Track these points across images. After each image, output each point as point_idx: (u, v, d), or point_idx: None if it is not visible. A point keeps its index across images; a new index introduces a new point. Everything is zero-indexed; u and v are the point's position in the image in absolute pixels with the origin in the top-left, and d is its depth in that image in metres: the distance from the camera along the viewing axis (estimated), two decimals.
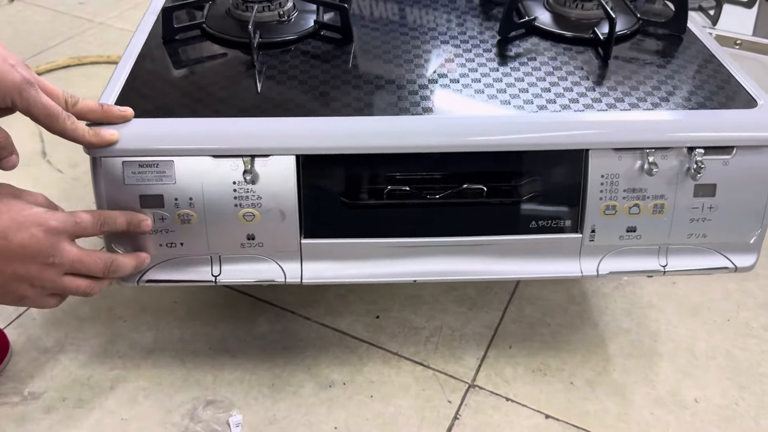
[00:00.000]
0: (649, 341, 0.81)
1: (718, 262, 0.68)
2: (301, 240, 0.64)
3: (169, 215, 0.62)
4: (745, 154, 0.63)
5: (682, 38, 0.76)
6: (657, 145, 0.62)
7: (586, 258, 0.67)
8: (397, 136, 0.62)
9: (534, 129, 0.63)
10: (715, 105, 0.65)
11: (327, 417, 0.72)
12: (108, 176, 0.61)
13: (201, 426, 0.70)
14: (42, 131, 1.14)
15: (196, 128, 0.61)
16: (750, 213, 0.65)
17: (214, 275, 0.65)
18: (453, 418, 0.72)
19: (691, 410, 0.74)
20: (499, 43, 0.74)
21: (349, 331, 0.82)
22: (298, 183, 0.62)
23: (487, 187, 0.65)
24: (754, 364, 0.79)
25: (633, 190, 0.64)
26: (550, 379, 0.76)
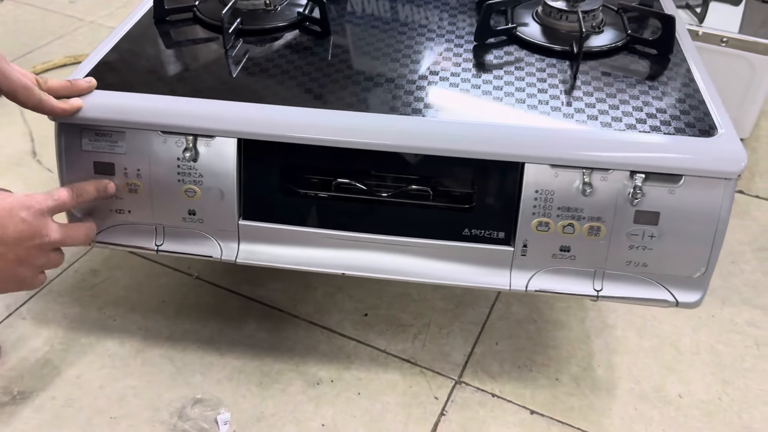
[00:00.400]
0: (634, 337, 0.82)
1: (658, 294, 0.65)
2: (238, 221, 0.67)
3: (119, 183, 0.66)
4: (694, 185, 0.60)
5: (669, 58, 0.72)
6: (592, 165, 0.60)
7: (517, 272, 0.65)
8: (332, 130, 0.63)
9: (470, 137, 0.62)
10: (670, 130, 0.62)
11: (314, 414, 0.73)
12: (68, 142, 0.66)
13: (189, 424, 0.71)
14: (32, 131, 1.14)
15: (147, 104, 0.65)
16: (695, 247, 0.62)
17: (156, 245, 0.69)
18: (439, 414, 0.73)
19: (675, 405, 0.74)
20: (475, 48, 0.74)
21: (337, 329, 0.82)
22: (239, 165, 0.65)
23: (422, 191, 0.65)
24: (738, 359, 0.80)
25: (568, 209, 0.62)
26: (535, 375, 0.77)
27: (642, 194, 0.60)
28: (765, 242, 0.96)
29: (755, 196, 1.05)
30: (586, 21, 0.74)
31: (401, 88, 0.67)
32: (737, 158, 0.59)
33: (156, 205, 0.67)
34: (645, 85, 0.68)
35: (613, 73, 0.70)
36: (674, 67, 0.71)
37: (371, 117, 0.63)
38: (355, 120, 0.63)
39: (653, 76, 0.70)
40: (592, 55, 0.72)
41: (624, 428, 0.72)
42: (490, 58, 0.73)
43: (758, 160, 1.12)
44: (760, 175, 1.09)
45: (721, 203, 0.60)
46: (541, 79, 0.69)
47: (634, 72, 0.70)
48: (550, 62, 0.71)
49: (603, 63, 0.71)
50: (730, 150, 0.60)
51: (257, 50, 0.73)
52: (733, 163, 0.59)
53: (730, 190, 0.60)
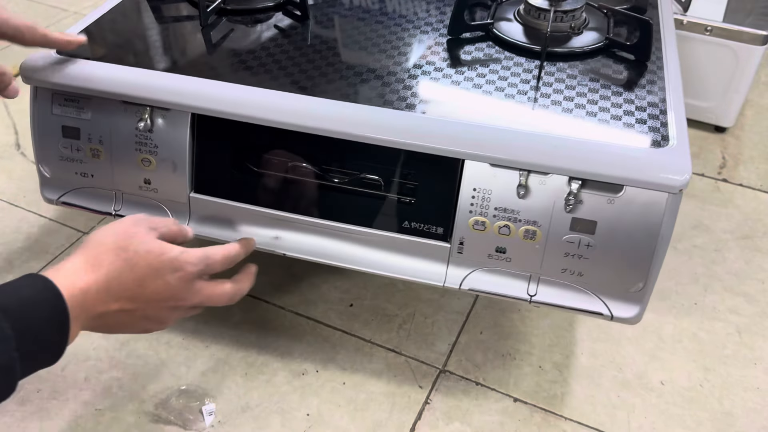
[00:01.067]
0: (616, 325, 0.82)
1: (593, 306, 0.63)
2: (189, 193, 0.69)
3: (83, 148, 0.69)
4: (635, 196, 0.58)
5: (646, 64, 0.70)
6: (529, 168, 0.59)
7: (453, 269, 0.65)
8: (277, 112, 0.63)
9: (411, 129, 0.61)
10: (619, 138, 0.60)
11: (300, 404, 0.73)
12: (40, 105, 0.69)
13: (174, 415, 0.71)
14: (15, 123, 1.13)
15: (110, 74, 0.67)
16: (633, 261, 0.60)
17: (115, 210, 0.72)
18: (423, 403, 0.74)
19: (657, 392, 0.75)
20: (448, 42, 0.73)
21: (322, 320, 0.82)
22: (192, 139, 0.66)
23: (371, 180, 0.65)
24: (719, 346, 0.80)
25: (505, 210, 0.61)
26: (519, 363, 0.78)
27: (576, 201, 0.58)
28: (748, 230, 0.97)
29: (738, 185, 1.05)
30: (565, 21, 0.73)
31: (359, 76, 0.67)
32: (681, 171, 0.56)
33: (115, 171, 0.70)
34: (609, 90, 0.66)
35: (580, 76, 0.68)
36: (647, 73, 0.69)
37: (316, 101, 0.64)
38: (300, 103, 0.64)
39: (621, 82, 0.68)
40: (564, 56, 0.71)
41: (606, 415, 0.73)
42: (459, 52, 0.72)
43: (742, 149, 1.13)
44: (743, 164, 1.10)
45: (663, 218, 0.58)
46: (503, 77, 0.67)
47: (604, 76, 0.68)
48: (518, 61, 0.70)
49: (573, 65, 0.70)
50: (675, 163, 0.57)
51: (234, 29, 0.75)
52: (676, 177, 0.56)
53: (674, 205, 0.58)
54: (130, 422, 0.71)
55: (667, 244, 0.60)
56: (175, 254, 0.56)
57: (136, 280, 0.54)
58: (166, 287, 0.55)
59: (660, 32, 0.76)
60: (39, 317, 0.48)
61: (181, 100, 0.65)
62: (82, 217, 0.96)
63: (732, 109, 1.12)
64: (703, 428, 0.72)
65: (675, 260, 0.91)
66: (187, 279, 0.56)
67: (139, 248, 0.55)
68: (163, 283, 0.55)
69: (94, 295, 0.52)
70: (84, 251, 0.54)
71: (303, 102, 0.64)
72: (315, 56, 0.70)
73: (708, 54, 1.07)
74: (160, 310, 0.57)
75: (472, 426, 0.72)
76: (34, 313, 0.48)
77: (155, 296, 0.55)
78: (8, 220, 0.95)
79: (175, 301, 0.56)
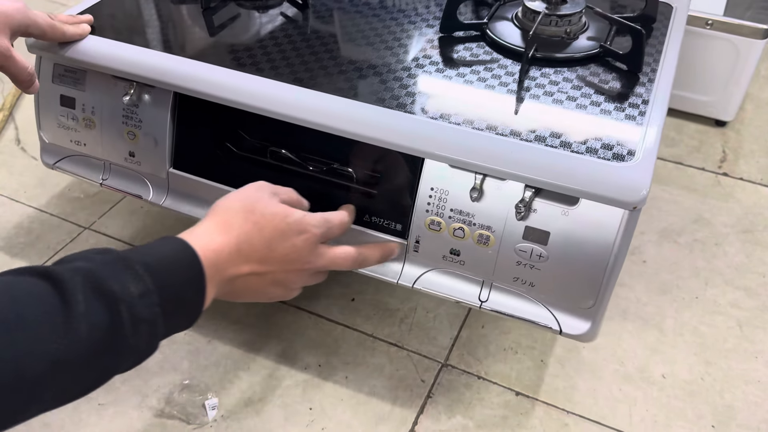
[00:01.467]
0: (618, 319, 0.82)
1: (543, 318, 0.61)
2: (168, 168, 0.72)
3: (78, 117, 0.74)
4: (590, 210, 0.56)
5: (638, 76, 0.67)
6: (480, 170, 0.58)
7: (409, 267, 0.65)
8: (254, 97, 0.64)
9: (374, 123, 0.61)
10: (581, 149, 0.57)
11: (302, 398, 0.73)
12: (44, 74, 0.74)
13: (177, 409, 0.71)
14: (16, 118, 1.13)
15: (105, 49, 0.70)
16: (585, 277, 0.58)
17: (102, 179, 0.77)
18: (426, 397, 0.74)
19: (659, 386, 0.75)
20: (440, 39, 0.73)
21: (324, 314, 0.83)
22: (173, 117, 0.70)
23: (338, 170, 0.65)
24: (720, 340, 0.81)
25: (460, 212, 0.60)
26: (521, 357, 0.78)
27: (526, 209, 0.57)
28: (748, 224, 0.97)
29: (739, 179, 1.05)
30: (560, 26, 0.71)
31: (338, 67, 0.68)
32: (637, 188, 0.54)
33: (105, 142, 0.74)
34: (589, 99, 0.64)
35: (563, 83, 0.66)
36: (635, 85, 0.66)
37: (286, 88, 0.64)
38: (273, 90, 0.64)
39: (604, 93, 0.65)
40: (552, 61, 0.69)
41: (608, 408, 0.73)
42: (446, 50, 0.71)
43: (742, 143, 1.13)
44: (744, 158, 1.10)
45: (617, 234, 0.56)
46: (482, 78, 0.66)
47: (589, 85, 0.66)
48: (504, 63, 0.69)
49: (560, 72, 0.68)
50: (633, 179, 0.55)
51: (237, 15, 0.77)
52: (631, 193, 0.54)
53: (630, 223, 0.56)
54: (133, 417, 0.71)
55: (621, 262, 0.58)
56: (298, 216, 0.57)
57: (265, 242, 0.55)
58: (293, 249, 0.56)
59: (665, 43, 0.73)
60: (178, 275, 0.49)
61: (162, 78, 0.67)
62: (83, 212, 0.96)
63: (732, 103, 1.12)
64: (705, 421, 0.72)
65: (676, 254, 0.92)
66: (312, 241, 0.58)
67: (265, 211, 0.56)
68: (291, 245, 0.56)
69: (227, 256, 0.53)
70: (213, 216, 0.56)
71: (271, 87, 0.64)
72: (302, 45, 0.71)
73: (708, 48, 1.07)
74: (288, 273, 0.58)
75: (475, 420, 0.72)
76: (173, 272, 0.48)
77: (283, 259, 0.56)
78: (9, 216, 0.95)
79: (301, 264, 0.58)
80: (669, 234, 0.95)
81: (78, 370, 0.42)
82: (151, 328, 0.46)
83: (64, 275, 0.43)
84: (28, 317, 0.40)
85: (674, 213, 0.98)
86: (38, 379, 0.40)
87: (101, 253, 0.47)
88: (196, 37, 0.74)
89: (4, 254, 0.89)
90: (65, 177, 1.02)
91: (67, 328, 0.41)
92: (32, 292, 0.41)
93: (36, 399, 0.40)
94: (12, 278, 0.42)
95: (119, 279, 0.45)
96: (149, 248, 0.49)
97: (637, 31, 0.66)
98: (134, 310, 0.44)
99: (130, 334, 0.44)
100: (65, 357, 0.41)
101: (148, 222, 0.94)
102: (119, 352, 0.44)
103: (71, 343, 0.41)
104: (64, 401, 0.44)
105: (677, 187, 1.03)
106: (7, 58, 0.62)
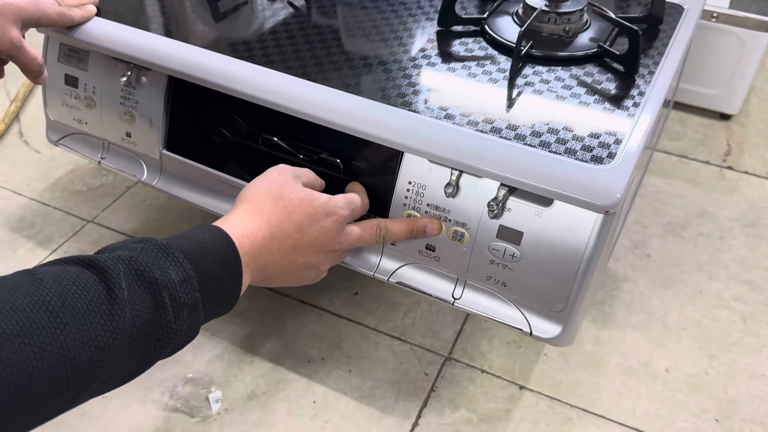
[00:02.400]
0: (621, 313, 0.82)
1: (515, 320, 0.60)
2: (161, 150, 0.73)
3: (80, 96, 0.76)
4: (563, 212, 0.55)
5: (634, 78, 0.65)
6: (454, 166, 0.58)
7: (386, 260, 0.65)
8: (242, 83, 0.64)
9: (354, 114, 0.60)
10: (558, 149, 0.56)
11: (306, 391, 0.73)
12: (50, 53, 0.77)
13: (181, 403, 0.71)
14: (18, 111, 1.13)
15: (105, 31, 0.70)
16: (556, 280, 0.57)
17: (101, 158, 0.79)
18: (429, 390, 0.74)
19: (662, 380, 0.75)
20: (437, 33, 0.72)
21: (327, 308, 0.83)
22: (167, 100, 0.71)
23: (325, 159, 0.65)
24: (724, 333, 0.80)
25: (436, 208, 0.60)
26: (524, 351, 0.78)
27: (498, 208, 0.57)
28: (753, 218, 0.97)
29: (744, 172, 1.05)
30: (559, 24, 0.70)
31: (329, 57, 0.67)
32: (610, 192, 0.52)
33: (104, 121, 0.76)
34: (578, 99, 0.62)
35: (554, 82, 0.64)
36: (629, 88, 0.64)
37: (276, 76, 0.64)
38: (261, 77, 0.64)
39: (595, 93, 0.63)
40: (547, 60, 0.67)
41: (612, 402, 0.73)
42: (441, 45, 0.70)
43: (747, 136, 1.12)
44: (748, 152, 1.09)
45: (589, 239, 0.55)
46: (473, 74, 0.65)
47: (581, 85, 0.64)
48: (498, 60, 0.67)
49: (553, 71, 0.66)
50: (607, 182, 0.53)
51: (240, 1, 0.78)
52: (604, 197, 0.52)
53: (604, 227, 0.55)
54: (137, 410, 0.71)
55: (593, 267, 0.56)
56: (325, 199, 0.58)
57: (295, 226, 0.56)
58: (323, 231, 0.58)
59: (668, 45, 0.71)
60: (215, 261, 0.50)
61: (154, 60, 0.67)
62: (86, 206, 0.96)
63: (737, 96, 1.11)
64: (708, 415, 0.72)
65: (680, 248, 0.91)
66: (340, 222, 0.59)
67: (292, 196, 0.57)
68: (320, 228, 0.57)
69: (260, 242, 0.54)
70: (243, 204, 0.57)
71: (263, 75, 0.64)
72: (298, 35, 0.71)
73: (713, 41, 1.07)
74: (319, 255, 0.59)
75: (478, 413, 0.72)
76: (211, 258, 0.49)
77: (315, 241, 0.57)
78: (13, 209, 0.95)
79: (332, 245, 0.59)
80: (673, 228, 0.94)
81: (123, 356, 0.43)
82: (192, 312, 0.47)
83: (107, 264, 0.44)
84: (76, 306, 0.41)
85: (678, 207, 0.98)
86: (88, 366, 0.41)
87: (141, 242, 0.48)
88: (197, 22, 0.75)
89: (7, 247, 0.89)
90: (67, 170, 1.02)
91: (112, 316, 0.42)
92: (78, 282, 0.42)
93: (86, 385, 0.42)
94: (58, 268, 0.43)
95: (160, 266, 0.46)
96: (187, 236, 0.50)
97: (634, 32, 0.64)
98: (176, 296, 0.46)
99: (173, 319, 0.45)
100: (112, 343, 0.42)
101: (150, 215, 0.94)
102: (162, 337, 0.45)
103: (117, 330, 0.42)
104: (111, 387, 0.45)
105: (681, 180, 1.03)
106: (18, 49, 0.63)
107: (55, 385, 0.39)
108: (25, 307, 0.39)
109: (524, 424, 0.71)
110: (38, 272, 0.42)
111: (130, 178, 0.76)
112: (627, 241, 0.92)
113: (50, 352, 0.39)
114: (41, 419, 0.40)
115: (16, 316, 0.39)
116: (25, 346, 0.38)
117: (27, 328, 0.39)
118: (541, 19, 0.70)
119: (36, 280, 0.41)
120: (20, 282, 0.41)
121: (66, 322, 0.40)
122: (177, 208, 0.77)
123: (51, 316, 0.40)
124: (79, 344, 0.40)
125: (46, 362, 0.39)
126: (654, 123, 0.61)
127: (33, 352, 0.38)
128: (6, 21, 0.62)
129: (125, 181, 0.99)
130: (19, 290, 0.40)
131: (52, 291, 0.41)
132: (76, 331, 0.40)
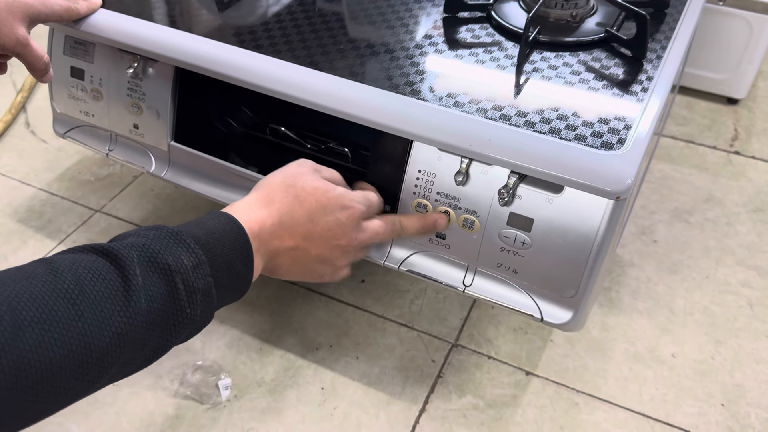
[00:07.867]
0: (628, 299, 0.83)
1: (526, 306, 0.61)
2: (169, 141, 0.73)
3: (87, 88, 0.76)
4: (574, 199, 0.55)
5: (642, 63, 0.64)
6: (464, 154, 0.57)
7: (396, 249, 0.65)
8: (249, 74, 0.63)
9: (362, 103, 0.60)
10: (569, 136, 0.55)
11: (314, 378, 0.74)
12: (56, 46, 0.77)
13: (191, 390, 0.72)
14: (25, 102, 1.13)
15: (113, 23, 0.70)
16: (567, 266, 0.57)
17: (109, 149, 0.79)
18: (436, 377, 0.74)
19: (669, 365, 0.76)
20: (443, 20, 0.71)
21: (335, 296, 0.83)
22: (174, 91, 0.71)
23: (334, 149, 0.65)
24: (731, 319, 0.81)
25: (447, 196, 0.60)
26: (531, 337, 0.78)
27: (509, 195, 0.57)
28: (760, 203, 0.96)
29: (751, 157, 1.05)
30: (566, 9, 0.69)
31: (336, 45, 0.67)
32: (621, 178, 0.52)
33: (111, 113, 0.76)
34: (586, 85, 0.61)
35: (561, 68, 0.64)
36: (637, 73, 0.63)
37: (284, 66, 0.64)
38: (267, 66, 0.64)
39: (603, 79, 0.63)
40: (554, 45, 0.67)
41: (618, 388, 0.73)
42: (448, 31, 0.70)
43: (754, 121, 1.12)
44: (756, 136, 1.09)
45: (600, 224, 0.55)
46: (480, 61, 0.64)
47: (590, 70, 0.63)
48: (505, 46, 0.67)
49: (561, 56, 0.65)
50: (618, 168, 0.53)
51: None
52: (615, 183, 0.52)
53: (614, 212, 0.55)
54: (147, 397, 0.72)
55: (604, 252, 0.56)
56: (341, 192, 0.58)
57: (306, 215, 0.56)
58: (336, 223, 0.57)
59: (676, 29, 0.71)
60: (226, 246, 0.50)
61: (160, 51, 0.67)
62: (93, 196, 0.96)
63: (745, 80, 1.10)
64: (715, 400, 0.72)
65: (687, 233, 0.91)
66: (356, 216, 0.58)
67: (305, 185, 0.57)
68: (334, 219, 0.57)
69: (270, 228, 0.54)
70: (255, 192, 0.57)
71: (269, 65, 0.64)
72: (304, 23, 0.71)
73: (721, 24, 1.06)
74: (333, 249, 0.58)
75: (485, 399, 0.72)
76: (221, 244, 0.50)
77: (327, 233, 0.57)
78: (21, 199, 0.96)
79: (347, 239, 0.58)
80: (680, 213, 0.94)
81: (140, 341, 0.44)
82: (206, 297, 0.48)
83: (120, 252, 0.45)
84: (92, 293, 0.42)
85: (685, 192, 0.98)
86: (105, 352, 0.42)
87: (153, 229, 0.48)
88: (201, 11, 0.75)
89: (16, 238, 0.90)
90: (75, 160, 1.02)
91: (128, 302, 0.43)
92: (93, 269, 0.43)
93: (105, 371, 0.42)
94: (73, 256, 0.44)
95: (172, 252, 0.46)
96: (197, 223, 0.51)
97: (642, 16, 0.64)
98: (189, 281, 0.46)
99: (187, 304, 0.46)
100: (128, 329, 0.43)
101: (158, 204, 0.94)
102: (177, 322, 0.46)
103: (133, 316, 0.43)
104: (129, 372, 0.46)
105: (688, 166, 1.03)
106: (24, 46, 0.63)
107: (75, 371, 0.40)
108: (44, 295, 0.40)
109: (531, 410, 0.71)
110: (54, 261, 0.43)
111: (139, 169, 0.77)
112: (633, 227, 0.92)
113: (69, 339, 0.40)
114: (62, 404, 0.41)
115: (35, 304, 0.40)
116: (45, 333, 0.39)
117: (46, 315, 0.39)
118: (548, 5, 0.69)
119: (52, 269, 0.42)
120: (37, 271, 0.42)
121: (83, 309, 0.41)
122: (184, 197, 0.77)
123: (69, 304, 0.41)
124: (96, 331, 0.41)
125: (66, 348, 0.40)
126: (663, 108, 0.61)
127: (53, 338, 0.39)
128: (14, 18, 0.62)
129: (132, 170, 0.99)
130: (37, 279, 0.41)
131: (69, 279, 0.42)
132: (93, 318, 0.41)
